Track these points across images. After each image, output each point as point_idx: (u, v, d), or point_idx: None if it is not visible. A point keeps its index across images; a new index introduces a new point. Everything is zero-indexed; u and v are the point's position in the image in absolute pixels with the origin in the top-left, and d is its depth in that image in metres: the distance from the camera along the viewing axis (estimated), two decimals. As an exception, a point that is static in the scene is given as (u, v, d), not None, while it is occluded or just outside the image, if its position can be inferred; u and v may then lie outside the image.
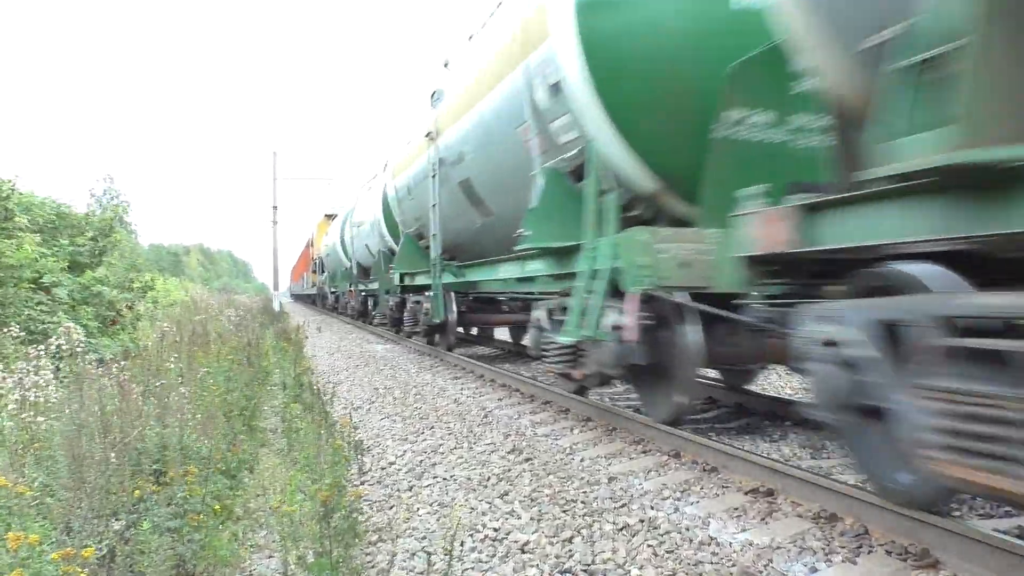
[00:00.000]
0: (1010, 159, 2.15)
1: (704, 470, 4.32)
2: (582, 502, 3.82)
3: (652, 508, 3.70)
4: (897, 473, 3.04)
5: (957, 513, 3.43)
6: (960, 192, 2.47)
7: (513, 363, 10.38)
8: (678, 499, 3.84)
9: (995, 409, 2.27)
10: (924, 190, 2.60)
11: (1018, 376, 2.23)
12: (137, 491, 2.96)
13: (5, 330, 5.79)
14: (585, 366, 5.66)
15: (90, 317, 7.82)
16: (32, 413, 3.98)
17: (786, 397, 6.62)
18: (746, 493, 3.86)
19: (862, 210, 2.93)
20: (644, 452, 4.83)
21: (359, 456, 4.80)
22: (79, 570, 2.24)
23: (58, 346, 5.18)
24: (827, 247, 3.10)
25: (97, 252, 9.21)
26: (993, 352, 2.32)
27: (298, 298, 52.82)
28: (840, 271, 3.27)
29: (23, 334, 5.85)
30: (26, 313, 6.99)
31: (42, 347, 5.20)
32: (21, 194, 9.57)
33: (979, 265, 2.80)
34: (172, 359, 5.86)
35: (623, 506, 3.75)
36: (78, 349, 5.47)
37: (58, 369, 5.19)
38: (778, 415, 5.80)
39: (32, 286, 7.30)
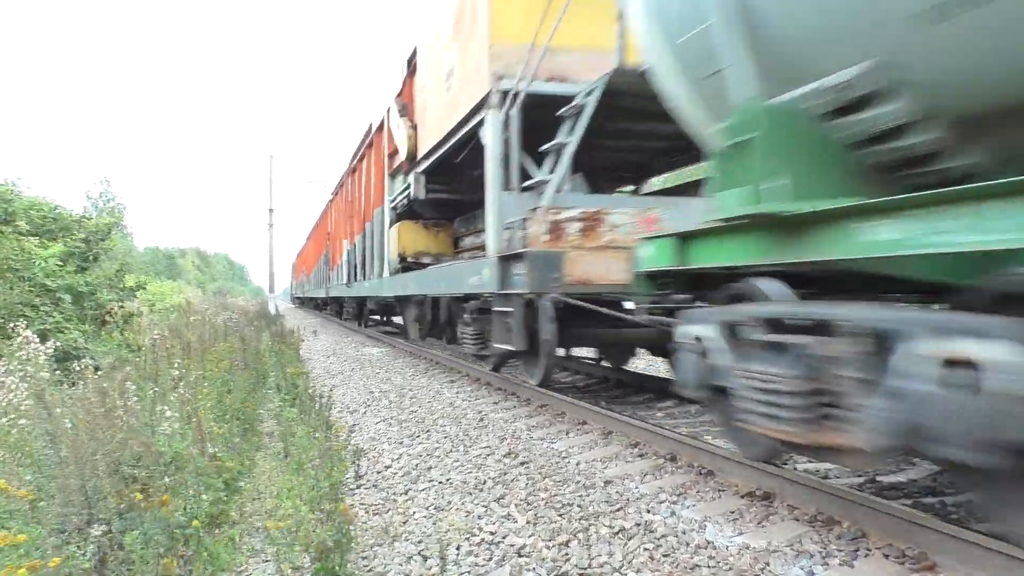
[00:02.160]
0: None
1: (700, 473, 4.31)
2: (578, 505, 3.82)
3: (648, 511, 3.69)
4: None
5: (955, 516, 3.43)
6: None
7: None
8: (675, 502, 3.84)
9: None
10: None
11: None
12: (123, 502, 2.93)
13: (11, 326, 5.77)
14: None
15: (85, 320, 7.79)
16: (14, 417, 3.96)
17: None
18: (743, 496, 3.86)
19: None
20: (640, 456, 4.83)
21: (355, 460, 4.78)
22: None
23: (56, 348, 5.16)
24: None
25: (90, 256, 9.17)
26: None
27: (305, 303, 38.99)
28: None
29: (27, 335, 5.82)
30: (26, 313, 6.96)
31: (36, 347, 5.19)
32: (22, 197, 9.56)
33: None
34: (165, 365, 5.84)
35: (619, 509, 3.74)
36: (71, 353, 5.46)
37: (57, 371, 5.17)
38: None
39: (31, 288, 7.28)
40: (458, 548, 3.30)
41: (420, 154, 10.68)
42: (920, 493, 3.87)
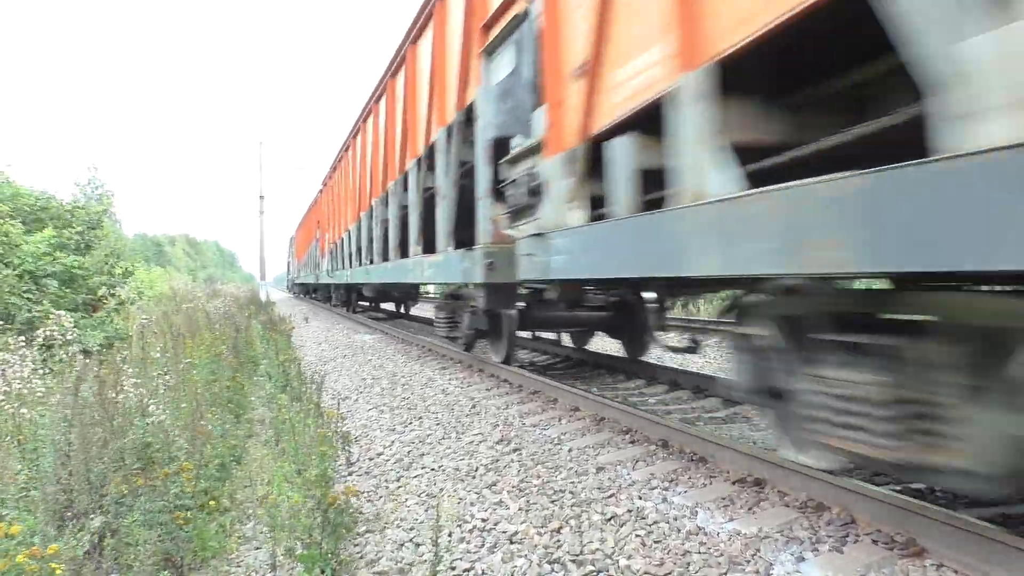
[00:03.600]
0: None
1: (692, 460, 4.33)
2: (570, 492, 3.83)
3: (640, 498, 3.71)
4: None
5: (943, 500, 3.46)
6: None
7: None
8: (666, 489, 3.85)
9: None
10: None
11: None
12: (125, 485, 2.94)
13: None
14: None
15: (75, 305, 7.74)
16: (17, 404, 3.95)
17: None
18: (733, 483, 3.88)
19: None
20: (632, 442, 4.84)
21: (347, 447, 4.78)
22: (54, 566, 2.22)
23: (47, 335, 5.12)
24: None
25: (84, 245, 9.13)
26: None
27: (308, 291, 32.70)
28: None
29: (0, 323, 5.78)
30: (11, 301, 6.90)
31: (22, 337, 5.15)
32: (10, 183, 9.48)
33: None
34: (157, 350, 5.82)
35: (611, 496, 3.75)
36: (69, 337, 5.43)
37: (45, 360, 5.13)
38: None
39: (16, 273, 7.21)
40: (450, 535, 3.31)
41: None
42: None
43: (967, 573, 2.68)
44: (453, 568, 2.97)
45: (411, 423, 5.78)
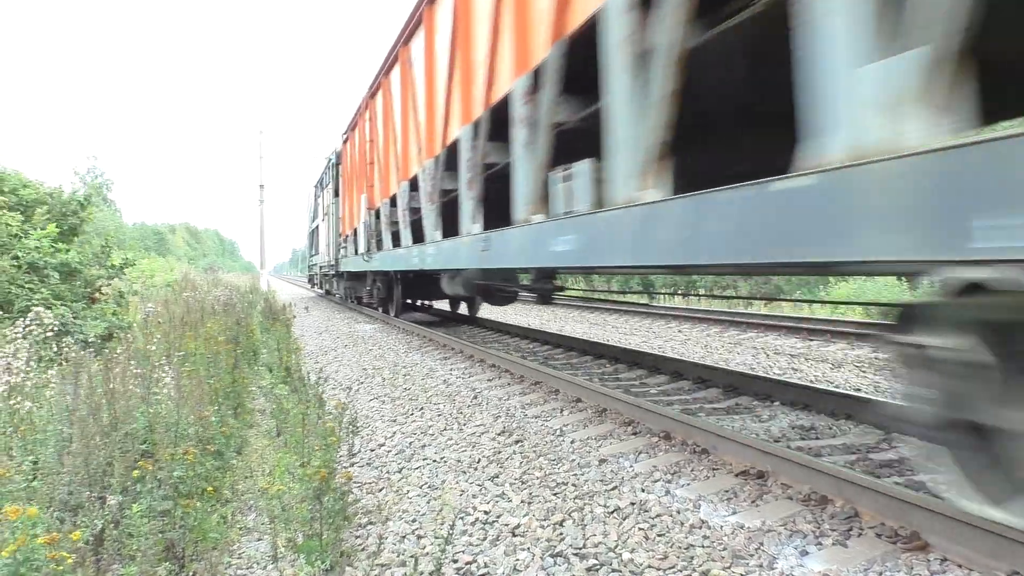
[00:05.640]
0: None
1: (694, 452, 4.32)
2: (573, 484, 3.82)
3: (643, 491, 3.70)
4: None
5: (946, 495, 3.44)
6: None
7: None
8: (669, 481, 3.84)
9: None
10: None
11: None
12: (135, 471, 2.93)
13: None
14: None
15: (76, 297, 7.72)
16: (19, 398, 3.93)
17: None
18: (736, 475, 3.87)
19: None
20: (634, 434, 4.83)
21: (349, 437, 4.77)
22: (67, 555, 2.21)
23: (26, 328, 5.11)
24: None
25: (67, 229, 9.05)
26: None
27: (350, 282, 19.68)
28: None
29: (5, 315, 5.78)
30: (12, 292, 6.89)
31: (18, 328, 5.14)
32: (8, 175, 9.43)
33: None
34: (157, 340, 5.81)
35: (614, 489, 3.74)
36: (55, 328, 5.41)
37: (39, 353, 5.12)
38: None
39: (15, 264, 7.19)
40: (452, 527, 3.30)
41: None
42: (912, 471, 3.88)
43: (970, 568, 2.67)
44: (456, 561, 2.97)
45: (413, 414, 5.77)
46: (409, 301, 15.58)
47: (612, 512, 3.41)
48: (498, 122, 6.32)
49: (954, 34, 2.02)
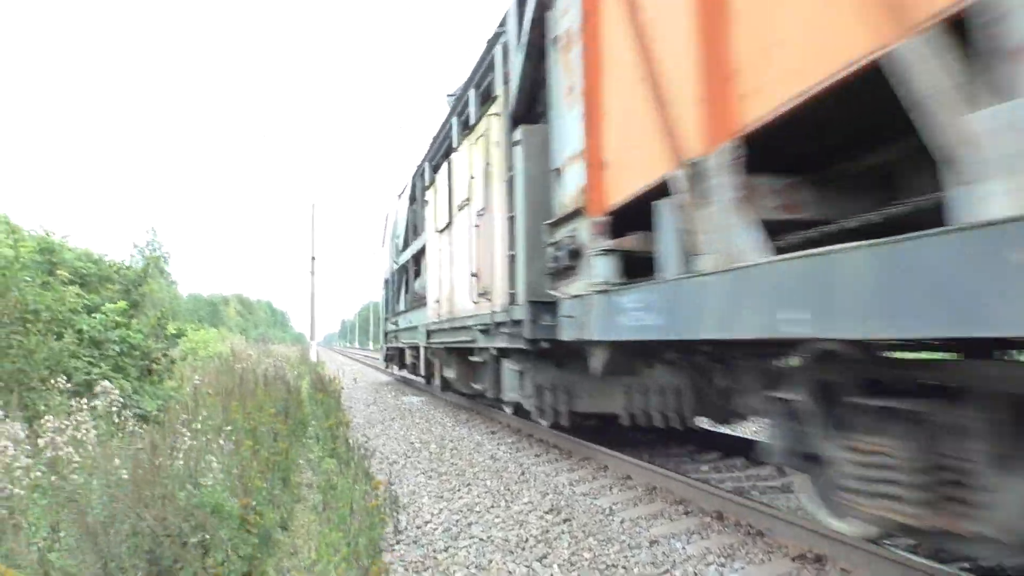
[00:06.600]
0: None
1: (748, 533, 4.17)
2: (623, 567, 3.71)
3: (696, 574, 3.57)
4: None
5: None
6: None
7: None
8: (722, 565, 3.71)
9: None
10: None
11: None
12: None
13: (52, 382, 5.86)
14: None
15: (134, 374, 7.91)
16: (64, 471, 3.96)
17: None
18: (793, 559, 3.72)
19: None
20: (686, 513, 4.70)
21: (395, 514, 4.73)
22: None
23: (93, 406, 5.22)
24: None
25: (131, 304, 9.32)
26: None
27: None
28: None
29: (69, 386, 5.92)
30: (72, 364, 7.10)
31: (84, 400, 5.26)
32: (70, 249, 9.82)
33: None
34: (204, 413, 5.88)
35: (665, 572, 3.63)
36: (121, 405, 5.54)
37: (100, 425, 5.22)
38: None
39: (78, 339, 7.43)
40: (500, 611, 3.22)
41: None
42: (982, 557, 3.68)
43: None
44: (503, 647, 2.89)
45: (459, 490, 5.71)
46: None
47: (664, 598, 3.30)
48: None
49: None
